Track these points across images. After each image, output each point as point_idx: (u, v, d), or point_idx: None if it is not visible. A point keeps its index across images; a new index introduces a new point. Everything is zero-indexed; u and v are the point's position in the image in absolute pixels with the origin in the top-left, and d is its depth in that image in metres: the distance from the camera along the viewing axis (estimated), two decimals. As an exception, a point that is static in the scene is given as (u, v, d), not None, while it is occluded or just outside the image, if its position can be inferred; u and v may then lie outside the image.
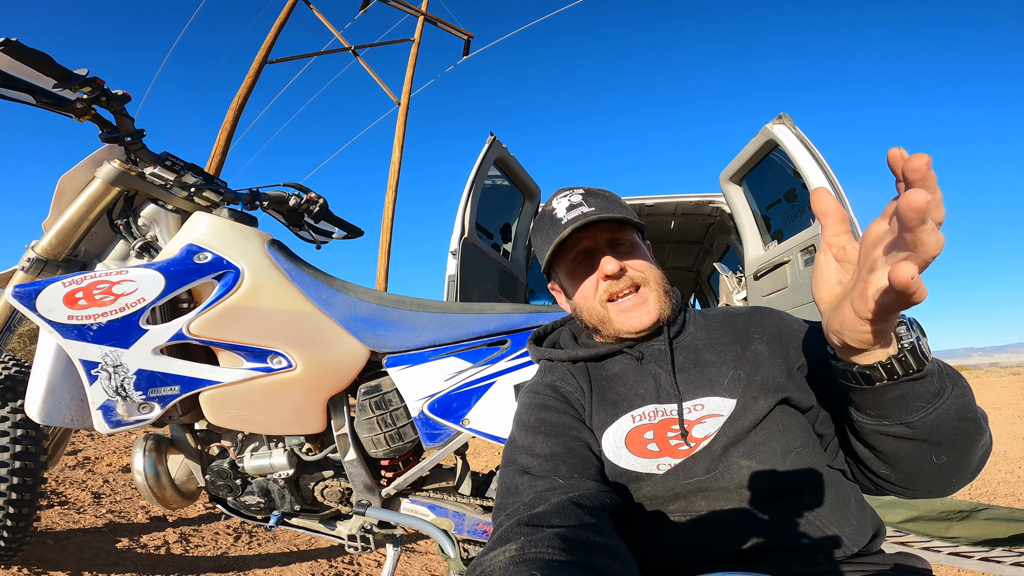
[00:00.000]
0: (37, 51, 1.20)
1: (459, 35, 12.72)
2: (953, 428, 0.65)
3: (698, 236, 5.56)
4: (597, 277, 0.93)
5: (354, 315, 1.39)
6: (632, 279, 0.93)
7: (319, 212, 1.86)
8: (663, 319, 0.92)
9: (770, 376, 0.85)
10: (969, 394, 0.66)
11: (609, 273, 0.91)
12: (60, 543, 2.17)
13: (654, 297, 0.92)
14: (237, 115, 8.77)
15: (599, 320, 0.94)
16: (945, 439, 0.66)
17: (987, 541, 2.11)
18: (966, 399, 0.65)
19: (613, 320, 0.93)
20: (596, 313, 0.94)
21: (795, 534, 0.77)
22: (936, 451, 0.67)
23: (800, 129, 3.16)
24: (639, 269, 0.94)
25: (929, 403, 0.63)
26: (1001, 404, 10.07)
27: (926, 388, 0.62)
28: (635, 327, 0.91)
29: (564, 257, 0.98)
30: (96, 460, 3.53)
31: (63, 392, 1.30)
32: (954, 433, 0.65)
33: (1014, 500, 3.89)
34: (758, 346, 0.89)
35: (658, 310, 0.91)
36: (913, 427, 0.64)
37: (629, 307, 0.92)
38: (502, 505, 0.77)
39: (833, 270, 0.60)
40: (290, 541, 2.68)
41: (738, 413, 0.83)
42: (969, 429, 0.66)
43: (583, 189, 0.98)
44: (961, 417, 0.65)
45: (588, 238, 0.95)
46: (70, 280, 1.25)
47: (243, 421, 1.36)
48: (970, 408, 0.66)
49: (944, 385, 0.63)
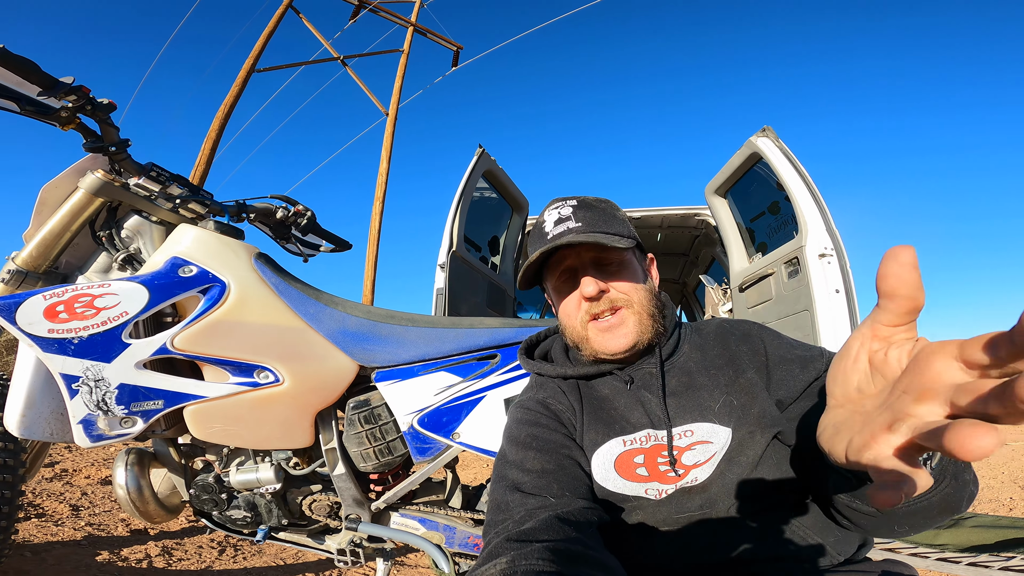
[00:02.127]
0: (23, 58, 1.18)
1: (448, 46, 12.77)
2: (928, 518, 0.62)
3: (684, 248, 5.61)
4: (579, 297, 0.91)
5: (343, 329, 1.38)
6: (612, 301, 0.89)
7: (306, 225, 1.85)
8: (641, 343, 0.89)
9: (765, 409, 0.84)
10: (965, 488, 0.60)
11: (587, 295, 0.88)
12: (38, 555, 2.12)
13: (633, 320, 0.89)
14: (223, 124, 8.70)
15: (579, 339, 0.92)
16: (915, 523, 0.64)
17: (974, 547, 2.13)
18: (958, 494, 0.59)
19: (591, 340, 0.90)
20: (577, 332, 0.92)
21: (780, 544, 0.78)
22: (903, 527, 0.66)
23: (783, 142, 3.22)
24: (622, 291, 0.90)
25: (911, 499, 0.58)
26: (981, 412, 10.22)
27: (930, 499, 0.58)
28: (610, 349, 0.88)
29: (552, 272, 0.96)
30: (74, 472, 3.46)
31: (42, 406, 1.28)
32: (927, 521, 0.63)
33: (998, 505, 3.95)
34: (751, 374, 0.88)
35: (636, 334, 0.88)
36: (887, 515, 0.63)
37: (606, 328, 0.89)
38: (492, 522, 0.77)
39: (860, 371, 0.44)
40: (276, 555, 2.63)
41: (735, 450, 0.82)
42: (946, 516, 0.62)
43: (576, 200, 0.95)
44: (942, 511, 0.61)
45: (572, 256, 0.92)
46: (51, 293, 1.23)
47: (229, 436, 1.34)
48: (956, 503, 0.60)
49: (941, 481, 0.57)
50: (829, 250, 2.85)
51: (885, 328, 0.41)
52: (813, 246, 2.88)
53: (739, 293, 3.81)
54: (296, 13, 10.36)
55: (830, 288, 2.80)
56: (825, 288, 2.81)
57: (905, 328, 0.40)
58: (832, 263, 2.83)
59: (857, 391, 0.44)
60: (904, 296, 0.38)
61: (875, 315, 0.41)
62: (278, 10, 9.90)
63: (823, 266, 2.84)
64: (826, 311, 2.77)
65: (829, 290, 2.80)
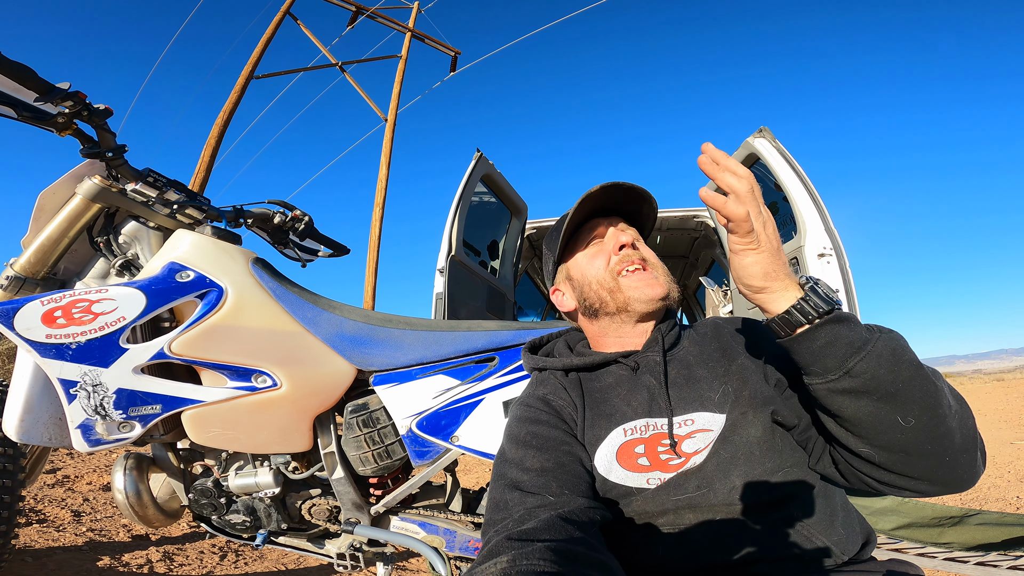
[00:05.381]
0: (19, 63, 1.19)
1: (446, 51, 12.82)
2: (896, 375, 0.66)
3: (683, 250, 5.61)
4: (610, 251, 0.97)
5: (340, 333, 1.38)
6: (644, 257, 0.97)
7: (304, 230, 1.85)
8: (670, 299, 0.95)
9: (757, 390, 0.85)
10: (901, 340, 0.69)
11: (624, 241, 0.96)
12: (39, 561, 2.11)
13: (664, 276, 0.96)
14: (222, 130, 8.73)
15: (608, 290, 0.95)
16: (897, 391, 0.67)
17: (980, 546, 2.12)
18: (898, 343, 0.68)
19: (624, 288, 0.94)
20: (606, 283, 0.96)
21: (783, 544, 0.78)
22: (898, 410, 0.67)
23: (780, 142, 3.22)
24: (649, 257, 0.99)
25: (861, 349, 0.66)
26: (986, 410, 10.20)
27: (852, 334, 0.67)
28: (647, 295, 0.93)
29: (579, 241, 1.02)
30: (76, 479, 3.46)
31: (41, 411, 1.28)
32: (902, 383, 0.67)
33: (1005, 504, 3.93)
34: (743, 360, 0.90)
35: (667, 287, 0.94)
36: (855, 375, 0.67)
37: (640, 277, 0.94)
38: (492, 521, 0.77)
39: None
40: (278, 560, 2.63)
41: (728, 430, 0.83)
42: (914, 376, 0.67)
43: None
44: (897, 360, 0.67)
45: (606, 223, 1.01)
46: (49, 298, 1.23)
47: (227, 440, 1.34)
48: (905, 351, 0.68)
49: (872, 334, 0.68)
50: (828, 250, 2.84)
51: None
52: (812, 246, 2.88)
53: (739, 295, 3.81)
54: (294, 19, 10.40)
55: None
56: None
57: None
58: (831, 263, 2.83)
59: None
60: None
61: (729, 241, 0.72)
62: (276, 16, 9.94)
63: (822, 266, 2.83)
64: (826, 311, 2.77)
65: None
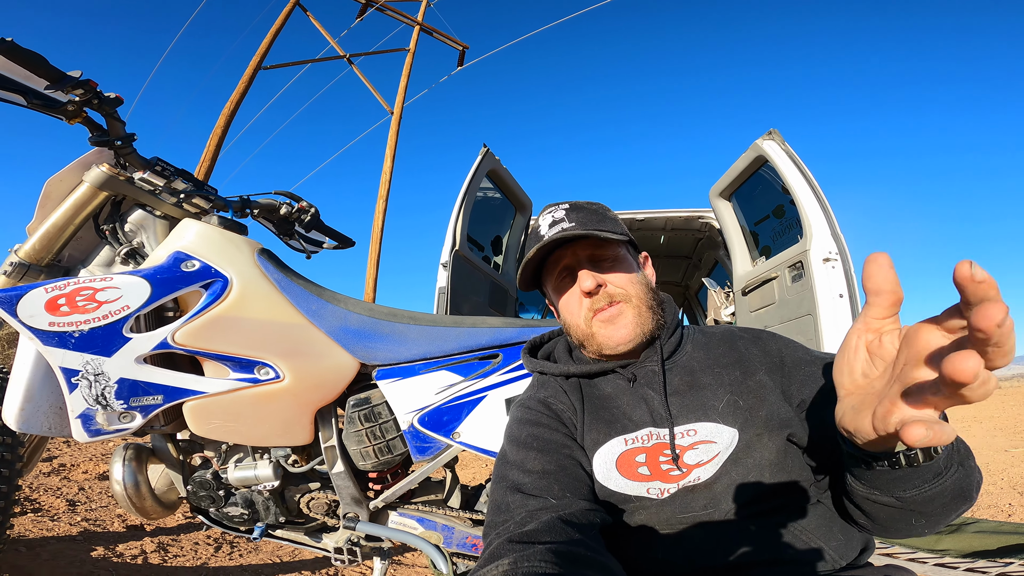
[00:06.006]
0: (31, 51, 1.18)
1: (454, 46, 12.79)
2: (944, 505, 0.64)
3: (687, 251, 5.60)
4: (579, 294, 0.92)
5: (344, 327, 1.37)
6: (610, 296, 0.91)
7: (310, 221, 1.85)
8: (643, 335, 0.90)
9: (775, 411, 0.83)
10: (973, 474, 0.64)
11: (585, 289, 0.90)
12: (33, 550, 2.11)
13: (632, 313, 0.90)
14: (229, 120, 8.72)
15: (584, 336, 0.93)
16: (932, 512, 0.65)
17: (975, 553, 2.13)
18: (968, 480, 0.63)
19: (596, 335, 0.91)
20: (581, 330, 0.93)
21: (781, 548, 0.77)
22: (920, 519, 0.67)
23: (790, 145, 3.21)
24: (619, 285, 0.92)
25: (927, 483, 0.61)
26: (982, 417, 10.20)
27: (928, 470, 0.60)
28: (613, 341, 0.89)
29: (550, 274, 0.98)
30: (72, 467, 3.46)
31: (41, 400, 1.27)
32: (943, 508, 0.65)
33: (996, 511, 3.94)
34: (762, 376, 0.87)
35: (635, 325, 0.89)
36: (903, 501, 0.63)
37: (606, 319, 0.90)
38: (493, 523, 0.77)
39: (861, 360, 0.53)
40: (273, 552, 2.63)
41: (741, 451, 0.82)
42: (960, 504, 0.65)
43: (568, 204, 0.97)
44: (955, 496, 0.63)
45: (569, 255, 0.94)
46: (53, 286, 1.23)
47: (228, 432, 1.34)
48: (968, 488, 0.64)
49: (950, 466, 0.61)
50: (834, 254, 2.84)
51: (876, 321, 0.51)
52: (817, 250, 2.87)
53: (742, 296, 3.80)
54: (303, 11, 10.38)
55: (834, 292, 2.79)
56: (829, 292, 2.80)
57: (892, 319, 0.50)
58: (836, 267, 2.82)
59: (863, 376, 0.53)
60: (888, 291, 0.47)
61: (866, 311, 0.51)
62: (285, 8, 9.92)
63: (827, 270, 2.83)
64: (829, 316, 2.77)
65: (833, 294, 2.79)
